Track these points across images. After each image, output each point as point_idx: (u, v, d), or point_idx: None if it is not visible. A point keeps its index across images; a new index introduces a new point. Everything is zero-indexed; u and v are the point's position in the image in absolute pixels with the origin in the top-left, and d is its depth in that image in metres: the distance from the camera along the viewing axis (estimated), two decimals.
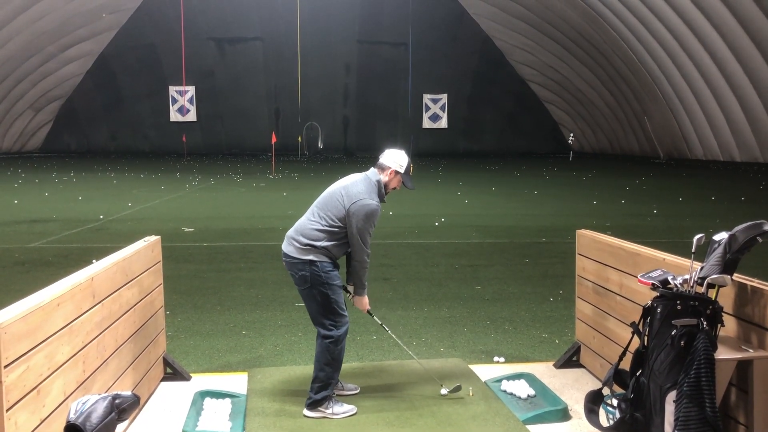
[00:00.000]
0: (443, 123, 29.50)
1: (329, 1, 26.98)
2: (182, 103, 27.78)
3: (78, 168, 19.35)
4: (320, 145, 29.01)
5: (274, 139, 17.90)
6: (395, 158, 2.88)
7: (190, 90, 27.55)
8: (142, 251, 2.89)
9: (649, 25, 19.96)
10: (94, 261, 2.68)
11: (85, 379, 2.16)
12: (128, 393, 1.79)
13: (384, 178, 2.86)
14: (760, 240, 2.08)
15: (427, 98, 29.21)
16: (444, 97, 29.33)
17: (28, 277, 5.27)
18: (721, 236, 2.12)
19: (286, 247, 2.97)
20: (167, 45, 26.21)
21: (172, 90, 27.56)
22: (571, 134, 27.93)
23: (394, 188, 2.91)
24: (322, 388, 2.73)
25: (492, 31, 27.22)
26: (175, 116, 27.84)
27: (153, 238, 3.10)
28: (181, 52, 23.82)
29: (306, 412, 2.71)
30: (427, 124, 29.68)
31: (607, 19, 21.37)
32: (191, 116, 27.83)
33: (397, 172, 2.87)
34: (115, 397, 1.75)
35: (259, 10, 27.05)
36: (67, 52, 25.30)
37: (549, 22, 24.45)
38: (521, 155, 27.88)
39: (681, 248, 2.91)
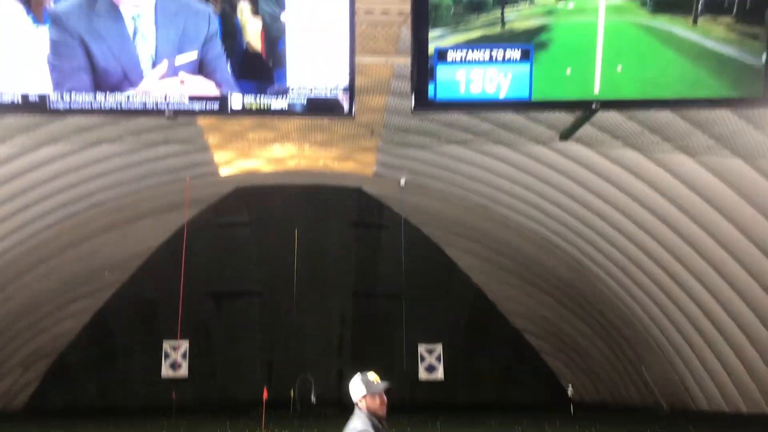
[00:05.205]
0: (439, 374, 27.95)
1: (325, 255, 28.23)
2: (175, 358, 26.43)
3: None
4: (313, 399, 27.30)
5: (265, 395, 17.84)
6: (355, 388, 2.95)
7: (184, 344, 26.28)
8: None
9: (634, 276, 20.61)
10: None
11: None
12: None
13: (364, 408, 2.91)
14: None
15: (422, 349, 28.81)
16: (439, 347, 28.53)
17: None
18: None
19: None
20: (166, 300, 26.30)
21: (166, 345, 26.45)
22: (570, 386, 26.94)
23: (383, 411, 2.93)
24: None
25: (483, 284, 28.61)
26: (166, 372, 26.26)
27: None
28: (179, 306, 23.62)
29: None
30: (423, 375, 28.31)
31: (593, 272, 22.29)
32: (183, 371, 26.06)
33: (365, 396, 2.94)
34: None
35: (259, 264, 28.16)
36: (64, 309, 25.38)
37: (537, 274, 25.40)
38: (521, 408, 26.45)
39: None
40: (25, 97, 4.83)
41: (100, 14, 4.69)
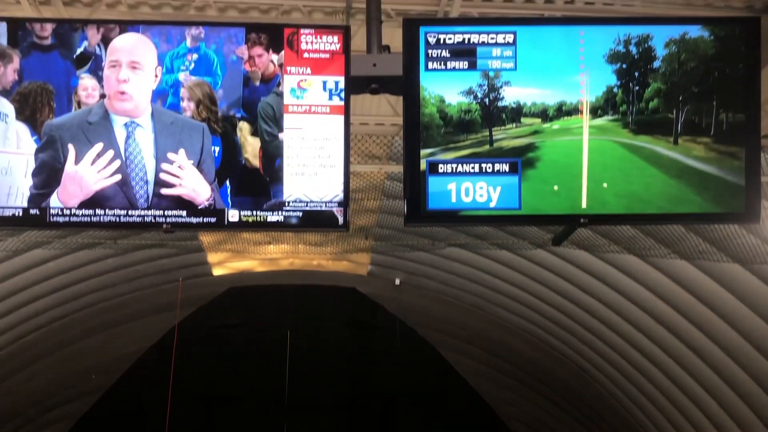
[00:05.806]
0: None
1: (318, 356, 27.92)
2: None
3: None
4: None
5: None
6: None
7: None
8: None
9: (634, 379, 20.52)
10: None
11: None
12: None
13: None
14: None
15: None
16: None
17: None
18: None
19: None
20: (154, 404, 24.67)
21: None
22: None
23: None
24: None
25: (479, 386, 28.08)
26: None
27: None
28: (166, 413, 22.15)
29: None
30: None
31: (592, 375, 22.32)
32: None
33: None
34: None
35: (250, 366, 27.67)
36: (47, 415, 24.36)
37: (534, 376, 24.95)
38: None
39: None
40: (25, 211, 4.93)
41: (92, 121, 4.87)
